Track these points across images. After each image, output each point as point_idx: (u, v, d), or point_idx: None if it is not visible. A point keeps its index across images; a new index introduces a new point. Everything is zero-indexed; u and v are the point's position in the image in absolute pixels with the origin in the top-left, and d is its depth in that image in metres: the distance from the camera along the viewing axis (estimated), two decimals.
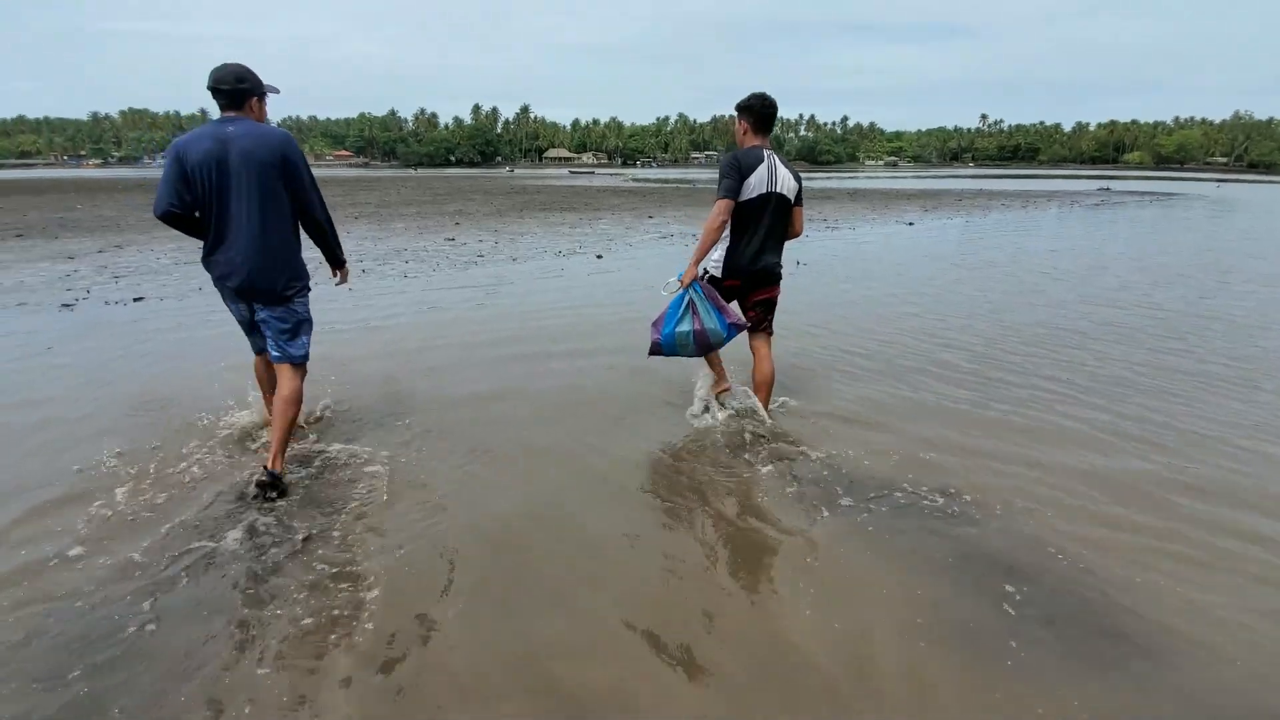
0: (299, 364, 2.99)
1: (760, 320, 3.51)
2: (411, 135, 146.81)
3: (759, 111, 3.22)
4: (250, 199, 2.72)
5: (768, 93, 3.25)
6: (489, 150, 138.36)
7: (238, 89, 2.74)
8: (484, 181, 39.76)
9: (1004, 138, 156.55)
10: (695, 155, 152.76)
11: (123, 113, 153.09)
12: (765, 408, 3.53)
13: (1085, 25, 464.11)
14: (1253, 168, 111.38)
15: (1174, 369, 4.60)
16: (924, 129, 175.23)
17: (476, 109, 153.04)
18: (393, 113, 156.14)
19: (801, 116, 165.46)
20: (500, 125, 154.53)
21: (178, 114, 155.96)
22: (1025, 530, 2.59)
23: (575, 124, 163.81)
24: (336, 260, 3.18)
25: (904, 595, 2.21)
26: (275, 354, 2.96)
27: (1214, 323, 6.00)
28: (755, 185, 3.19)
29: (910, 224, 15.21)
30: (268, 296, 2.87)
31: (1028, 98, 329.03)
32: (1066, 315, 6.24)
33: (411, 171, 74.92)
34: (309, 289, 3.05)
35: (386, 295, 6.95)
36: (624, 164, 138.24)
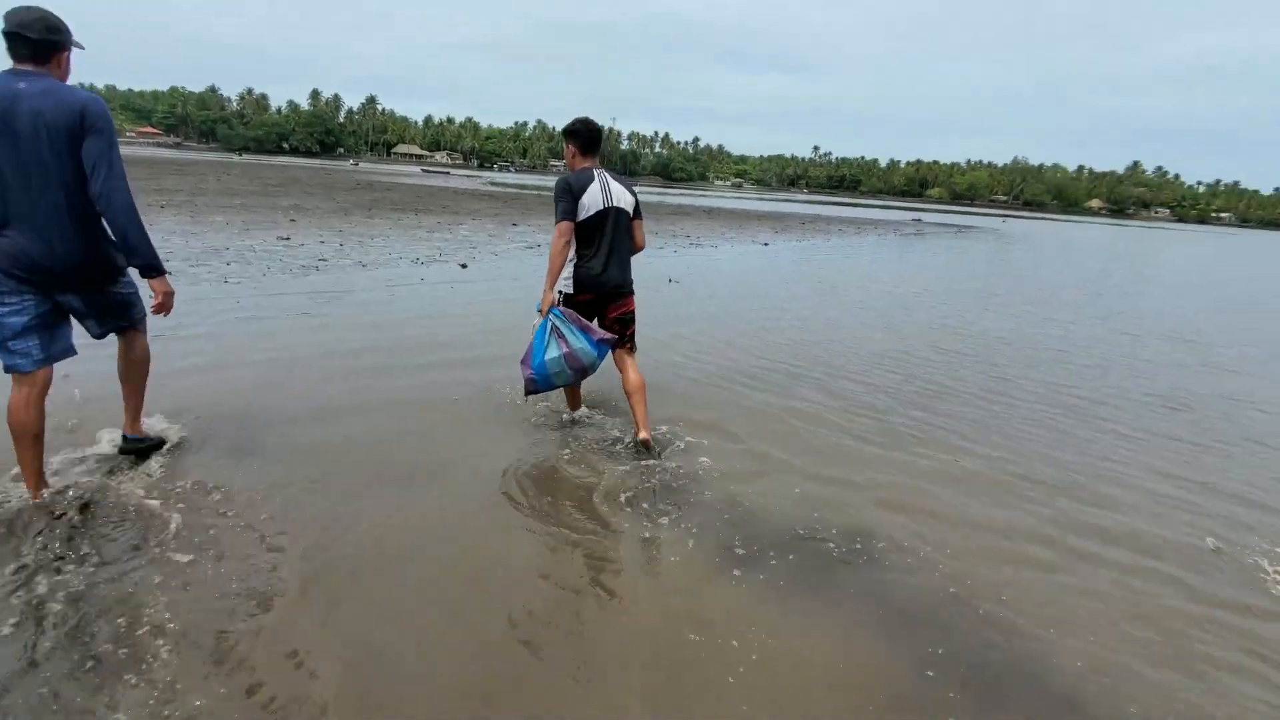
0: (138, 327, 2.82)
1: (620, 335, 3.56)
2: (236, 116, 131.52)
3: (584, 135, 3.39)
4: (43, 170, 2.28)
5: (590, 117, 3.44)
6: (329, 140, 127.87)
7: (47, 40, 2.31)
8: (325, 174, 36.29)
9: (832, 168, 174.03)
10: (554, 163, 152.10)
11: None
12: (645, 416, 3.47)
13: (902, 72, 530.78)
14: (1027, 205, 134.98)
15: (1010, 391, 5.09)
16: (766, 155, 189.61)
17: (316, 95, 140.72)
18: (213, 89, 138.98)
19: (657, 134, 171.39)
20: (343, 114, 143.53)
21: None
22: (927, 576, 2.57)
23: (428, 120, 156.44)
24: (146, 265, 2.53)
25: (824, 661, 2.06)
26: (103, 330, 2.68)
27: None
28: (590, 204, 3.30)
29: (765, 244, 16.05)
30: (75, 282, 2.47)
31: (853, 133, 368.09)
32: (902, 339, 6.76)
33: (235, 157, 66.72)
34: (126, 271, 2.69)
35: (203, 301, 5.85)
36: (480, 166, 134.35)
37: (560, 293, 3.42)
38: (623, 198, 3.42)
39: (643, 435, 3.38)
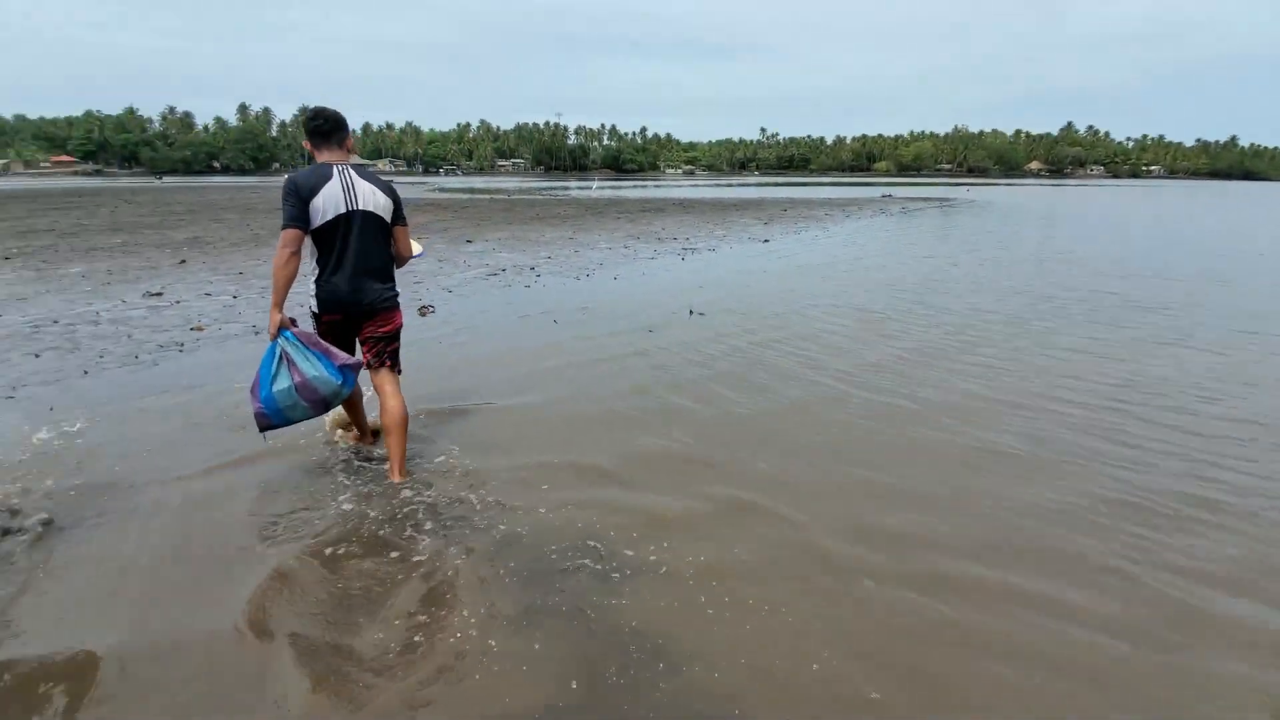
0: None
1: (380, 354, 3.13)
2: (159, 138, 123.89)
3: (310, 128, 2.93)
4: None
5: (326, 106, 2.94)
6: (263, 156, 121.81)
7: None
8: (249, 194, 32.70)
9: (781, 149, 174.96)
10: (501, 163, 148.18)
11: None
12: (402, 457, 3.09)
13: (839, 50, 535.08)
14: (970, 172, 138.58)
15: None
16: (714, 140, 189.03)
17: (244, 109, 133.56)
18: (131, 111, 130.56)
19: (604, 126, 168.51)
20: (275, 128, 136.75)
21: None
22: None
23: (366, 128, 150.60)
24: None
25: None
26: None
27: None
28: (325, 207, 2.84)
29: (765, 241, 13.77)
30: None
31: (798, 112, 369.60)
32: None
33: (155, 181, 61.58)
34: None
35: None
36: (425, 172, 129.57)
37: (310, 312, 3.03)
38: (371, 199, 2.94)
39: (395, 478, 3.05)
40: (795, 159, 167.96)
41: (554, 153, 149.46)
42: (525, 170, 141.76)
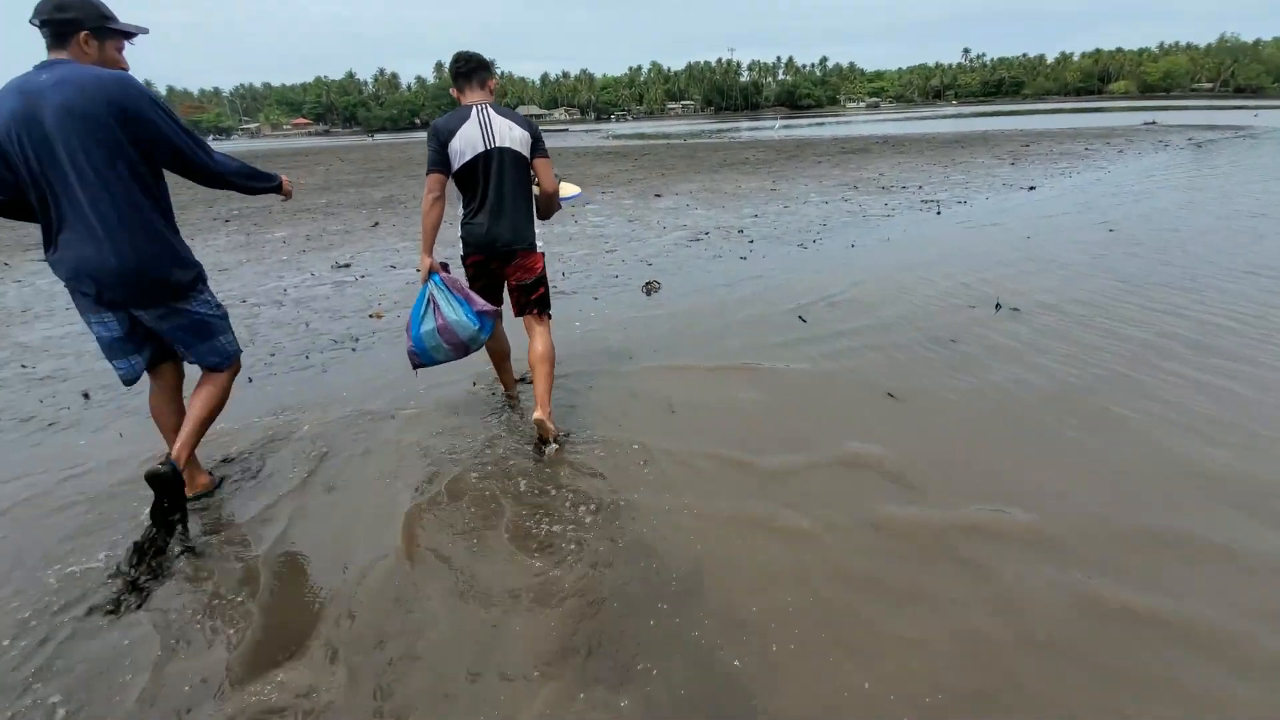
0: (221, 369, 2.52)
1: (523, 303, 3.08)
2: (372, 98, 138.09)
3: (453, 70, 2.91)
4: (87, 169, 2.06)
5: (466, 49, 2.94)
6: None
7: (56, 19, 2.08)
8: None
9: (987, 72, 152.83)
10: (671, 106, 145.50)
11: None
12: (546, 393, 2.96)
13: None
14: (1239, 92, 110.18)
15: None
16: (904, 67, 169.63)
17: (439, 66, 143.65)
18: (350, 75, 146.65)
19: (779, 59, 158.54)
20: None
21: None
22: None
23: (544, 78, 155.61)
24: (267, 189, 2.55)
25: None
26: (189, 359, 2.48)
27: None
28: (464, 148, 2.81)
29: (1031, 188, 10.66)
30: (146, 297, 2.26)
31: (1010, 30, 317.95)
32: None
33: (369, 139, 68.00)
34: (204, 280, 2.44)
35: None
36: (598, 119, 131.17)
37: (449, 260, 3.03)
38: (510, 135, 2.85)
39: (538, 414, 2.88)
40: (1005, 83, 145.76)
41: (725, 92, 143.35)
42: (695, 112, 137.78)
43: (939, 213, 8.68)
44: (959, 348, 3.98)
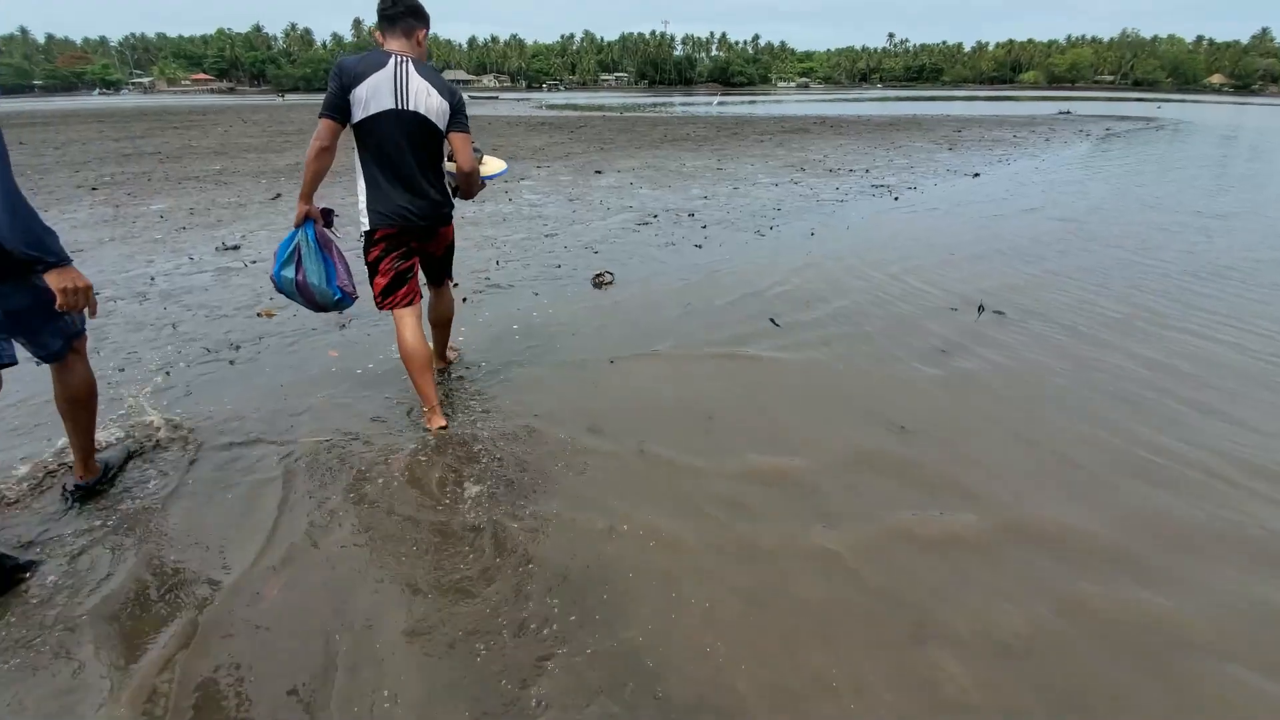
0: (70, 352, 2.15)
1: (439, 274, 2.99)
2: (283, 55, 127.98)
3: (378, 8, 2.49)
4: None
5: None
6: None
7: None
8: None
9: (910, 58, 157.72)
10: (605, 77, 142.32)
11: None
12: (443, 347, 3.24)
13: None
14: (1136, 85, 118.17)
15: None
16: (833, 49, 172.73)
17: (358, 24, 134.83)
18: (257, 28, 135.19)
19: (713, 35, 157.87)
20: None
21: None
22: None
23: (472, 42, 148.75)
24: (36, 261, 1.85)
25: None
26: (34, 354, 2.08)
27: None
28: (369, 98, 2.40)
29: (975, 175, 10.55)
30: None
31: (934, 15, 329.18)
32: None
33: (278, 99, 62.65)
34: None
35: None
36: (529, 87, 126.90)
37: (335, 214, 2.72)
38: (424, 99, 2.48)
39: (440, 364, 3.21)
40: (926, 69, 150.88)
41: (659, 65, 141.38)
42: (629, 85, 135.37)
43: (896, 199, 8.35)
44: (953, 361, 3.54)
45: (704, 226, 6.74)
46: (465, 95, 2.72)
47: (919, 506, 2.31)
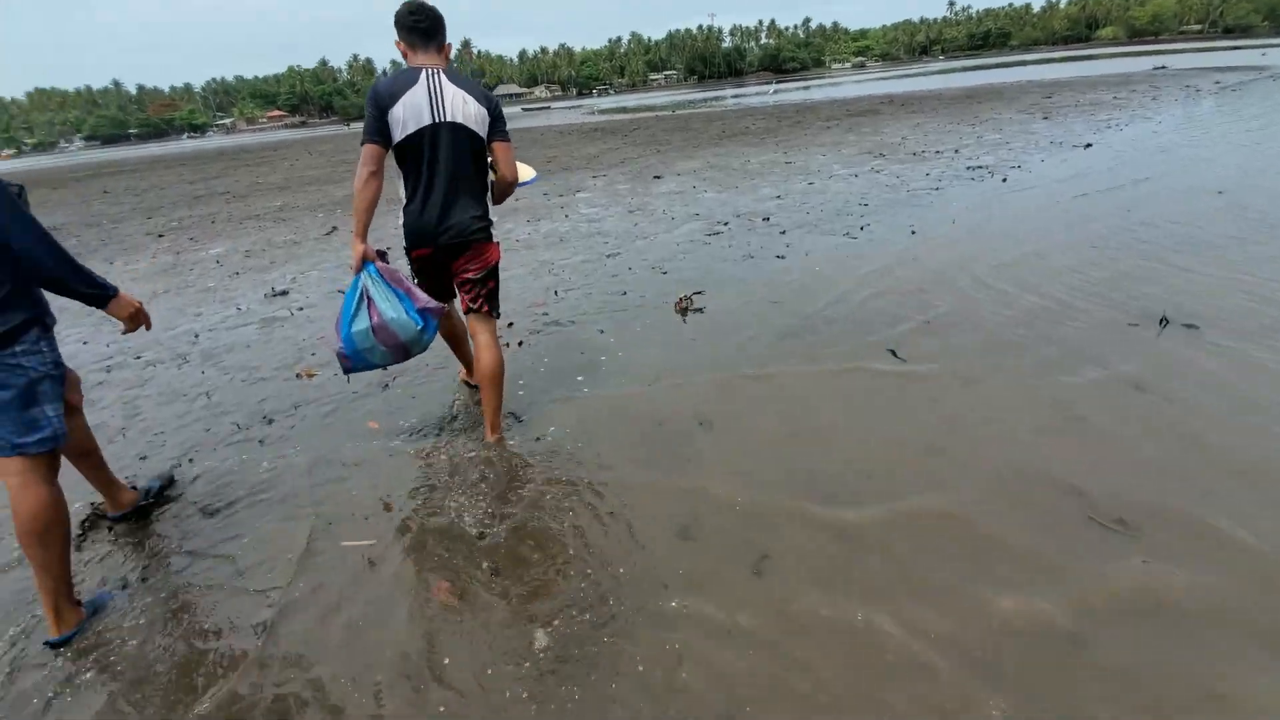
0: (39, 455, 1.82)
1: (475, 297, 2.66)
2: (348, 86, 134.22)
3: (405, 23, 2.41)
4: None
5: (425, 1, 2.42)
6: None
7: None
8: None
9: (973, 25, 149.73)
10: (654, 77, 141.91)
11: (29, 94, 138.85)
12: (496, 412, 2.75)
13: None
14: (1228, 33, 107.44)
15: None
16: (888, 24, 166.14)
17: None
18: (324, 63, 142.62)
19: (761, 23, 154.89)
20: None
21: (89, 89, 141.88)
22: None
23: (522, 55, 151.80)
24: (93, 298, 1.86)
25: None
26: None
27: None
28: (407, 117, 2.35)
29: (1088, 145, 9.25)
30: None
31: None
32: None
33: (345, 129, 65.44)
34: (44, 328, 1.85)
35: None
36: (579, 94, 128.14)
37: (389, 249, 2.60)
38: (463, 109, 2.41)
39: (490, 437, 2.75)
40: (992, 34, 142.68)
41: (707, 59, 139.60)
42: (677, 82, 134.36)
43: (1004, 180, 7.31)
44: (1151, 399, 2.68)
45: (783, 232, 5.98)
46: (519, 108, 2.23)
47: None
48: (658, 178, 9.97)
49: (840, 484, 2.32)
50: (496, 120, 2.51)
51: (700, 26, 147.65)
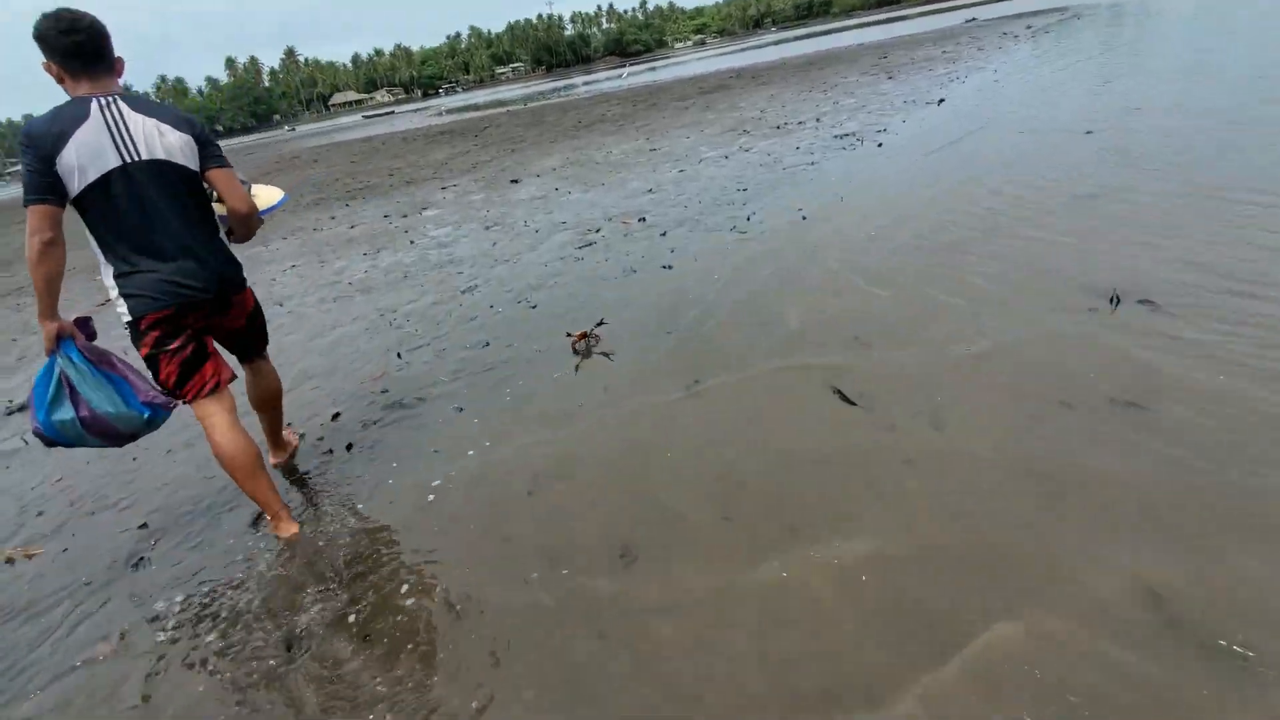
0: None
1: (248, 347, 2.45)
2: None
3: (57, 45, 1.88)
4: None
5: (67, 8, 1.89)
6: (262, 110, 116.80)
7: None
8: (241, 154, 28.78)
9: None
10: (501, 71, 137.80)
11: None
12: (277, 430, 2.66)
13: None
14: None
15: None
16: (720, 0, 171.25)
17: (231, 63, 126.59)
18: (127, 88, 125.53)
19: (600, 8, 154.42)
20: (267, 77, 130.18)
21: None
22: None
23: (356, 59, 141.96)
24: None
25: None
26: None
27: None
28: (84, 162, 1.87)
29: (940, 101, 9.23)
30: None
31: None
32: None
33: None
34: None
35: None
36: (424, 95, 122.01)
37: (91, 321, 2.14)
38: (159, 141, 1.96)
39: (275, 459, 2.67)
40: (814, 4, 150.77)
41: (552, 49, 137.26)
42: (526, 74, 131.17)
43: (879, 145, 6.98)
44: (1149, 416, 2.16)
45: (664, 234, 5.23)
46: (359, 115, 1.34)
47: None
48: (515, 181, 8.94)
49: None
50: (205, 145, 2.06)
51: (540, 16, 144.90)
